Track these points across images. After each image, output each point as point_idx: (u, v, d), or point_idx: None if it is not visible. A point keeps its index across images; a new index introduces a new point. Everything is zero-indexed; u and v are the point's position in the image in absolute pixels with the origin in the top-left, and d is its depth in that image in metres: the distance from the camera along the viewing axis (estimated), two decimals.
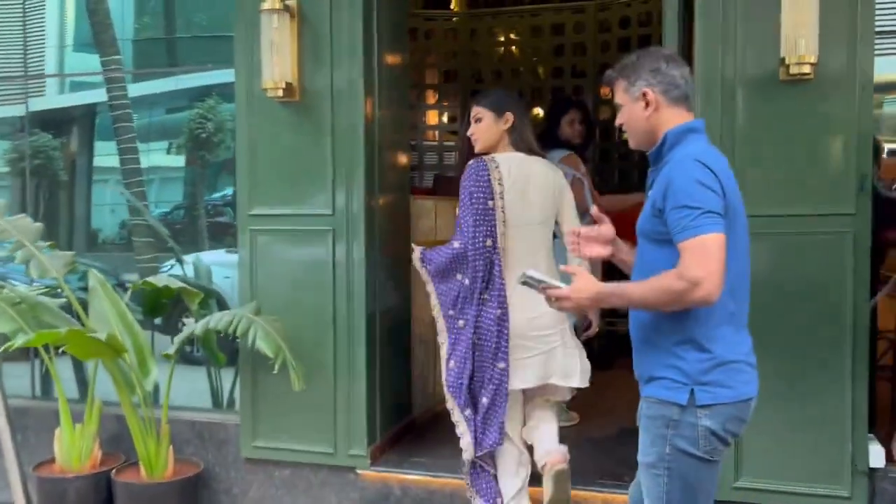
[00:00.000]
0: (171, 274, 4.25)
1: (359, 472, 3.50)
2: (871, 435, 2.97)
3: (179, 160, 5.42)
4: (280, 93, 3.42)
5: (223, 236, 5.20)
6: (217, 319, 3.38)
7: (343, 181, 3.46)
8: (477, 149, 3.12)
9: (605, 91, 5.92)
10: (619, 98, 2.08)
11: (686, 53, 3.10)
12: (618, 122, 2.11)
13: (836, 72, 2.85)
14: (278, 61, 3.41)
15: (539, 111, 6.16)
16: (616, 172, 6.16)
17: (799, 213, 2.91)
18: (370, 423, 3.50)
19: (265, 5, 3.37)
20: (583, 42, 6.21)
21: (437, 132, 6.76)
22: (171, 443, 3.57)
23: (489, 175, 2.97)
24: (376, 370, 3.54)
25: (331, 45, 3.45)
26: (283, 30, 3.41)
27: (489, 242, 2.98)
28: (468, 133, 3.15)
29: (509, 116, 3.06)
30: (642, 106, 2.03)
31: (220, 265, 4.68)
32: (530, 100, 6.36)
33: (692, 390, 1.92)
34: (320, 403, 3.50)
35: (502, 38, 6.68)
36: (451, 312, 3.06)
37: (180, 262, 4.41)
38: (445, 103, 6.72)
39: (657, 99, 2.01)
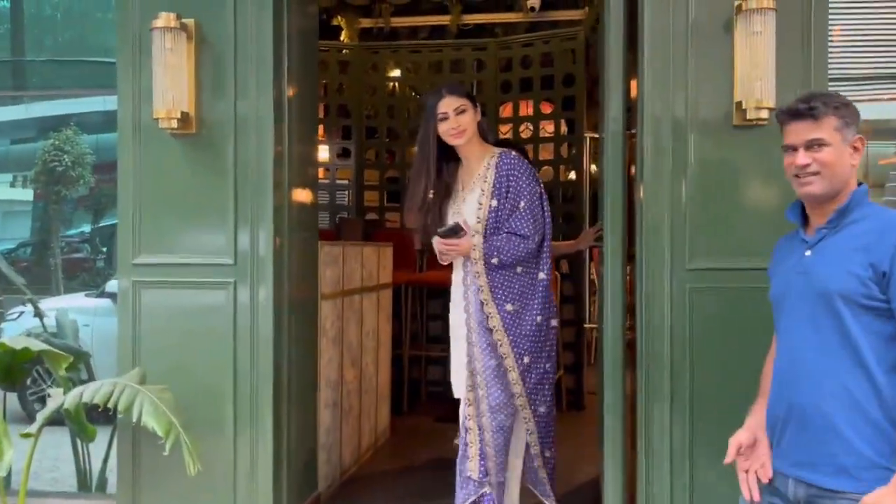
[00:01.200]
0: (29, 331, 3.64)
1: None
2: None
3: (27, 194, 4.91)
4: (174, 123, 2.96)
5: (80, 278, 4.70)
6: (93, 390, 2.82)
7: (247, 223, 3.03)
8: (461, 141, 2.96)
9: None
10: (827, 135, 1.80)
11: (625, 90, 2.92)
12: (806, 160, 1.81)
13: None
14: (172, 86, 2.96)
15: None
16: None
17: (755, 267, 2.73)
18: (276, 503, 3.04)
19: (157, 23, 2.92)
20: (481, 80, 6.01)
21: (328, 169, 6.37)
22: None
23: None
24: (283, 439, 3.09)
25: (234, 72, 3.04)
26: (179, 52, 2.96)
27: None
28: (451, 127, 2.93)
29: (478, 107, 3.01)
30: (850, 153, 1.82)
31: (77, 311, 4.14)
32: None
33: None
34: (217, 479, 3.02)
35: (396, 73, 6.40)
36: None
37: (37, 310, 3.80)
38: (337, 139, 6.35)
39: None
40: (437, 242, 2.95)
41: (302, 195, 3.31)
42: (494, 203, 2.93)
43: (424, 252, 5.55)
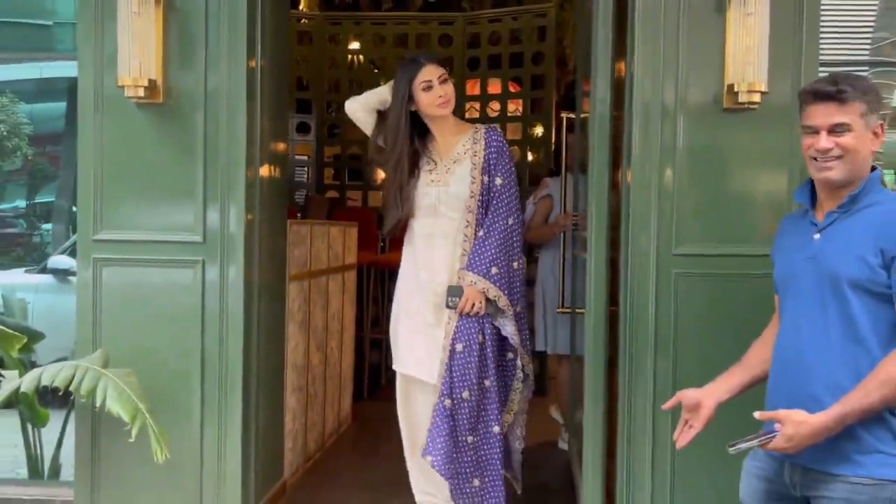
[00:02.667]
0: None
1: None
2: None
3: None
4: (140, 91, 2.78)
5: (13, 254, 4.52)
6: (53, 373, 2.65)
7: (217, 199, 2.88)
8: (447, 111, 2.90)
9: None
10: (851, 119, 1.75)
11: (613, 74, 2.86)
12: (829, 144, 1.76)
13: (781, 101, 2.68)
14: (139, 53, 2.78)
15: None
16: None
17: (741, 253, 2.71)
18: (245, 492, 2.92)
19: None
20: (451, 56, 5.87)
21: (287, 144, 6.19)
22: None
23: None
24: (252, 427, 2.97)
25: (206, 41, 2.87)
26: (147, 16, 2.78)
27: None
28: (438, 96, 2.84)
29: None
30: (871, 138, 1.77)
31: (17, 288, 3.95)
32: None
33: None
34: (182, 467, 2.86)
35: (356, 46, 6.23)
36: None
37: None
38: (294, 112, 6.15)
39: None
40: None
41: (273, 171, 3.17)
42: (486, 179, 2.86)
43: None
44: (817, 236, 1.81)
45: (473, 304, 2.80)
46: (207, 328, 2.89)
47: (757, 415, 1.75)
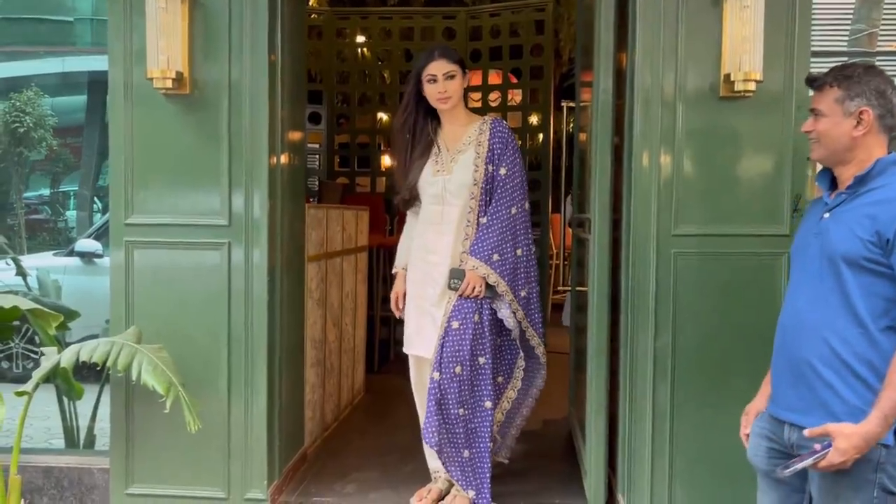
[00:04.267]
0: (8, 287, 3.62)
1: None
2: None
3: None
4: (169, 83, 2.95)
5: (39, 238, 4.70)
6: (91, 349, 2.84)
7: (241, 185, 3.05)
8: (446, 107, 3.03)
9: None
10: (825, 106, 1.93)
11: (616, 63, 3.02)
12: (808, 128, 1.98)
13: (774, 90, 2.85)
14: (166, 47, 2.95)
15: None
16: None
17: (735, 233, 2.89)
18: (270, 461, 3.11)
19: None
20: (454, 49, 6.02)
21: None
22: (20, 496, 2.98)
23: None
24: (276, 399, 3.15)
25: (229, 35, 3.03)
26: (174, 12, 2.95)
27: None
28: (438, 91, 3.00)
29: (466, 73, 3.10)
30: (853, 124, 1.91)
31: (46, 270, 4.11)
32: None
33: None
34: (210, 438, 3.05)
35: (360, 39, 6.39)
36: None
37: (19, 268, 3.76)
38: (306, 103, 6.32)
39: (872, 122, 1.90)
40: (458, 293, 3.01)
41: (292, 159, 3.34)
42: (491, 168, 3.01)
43: (395, 216, 5.62)
44: (826, 215, 1.96)
45: (474, 288, 2.97)
46: (233, 307, 3.07)
47: (807, 432, 1.85)
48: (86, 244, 4.44)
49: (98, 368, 2.87)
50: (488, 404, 3.01)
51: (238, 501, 3.08)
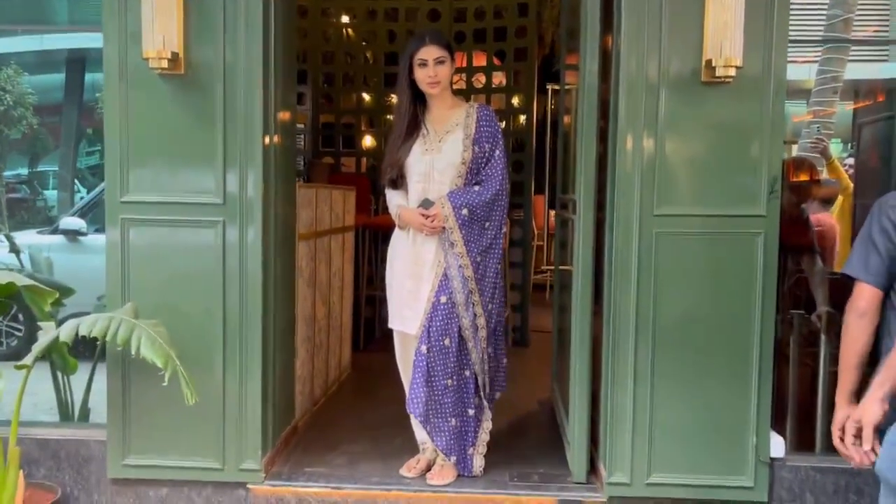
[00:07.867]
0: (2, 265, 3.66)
1: (250, 487, 3.18)
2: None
3: None
4: (164, 63, 2.99)
5: (19, 217, 4.71)
6: (90, 324, 2.89)
7: (236, 164, 3.11)
8: (435, 91, 3.13)
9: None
10: None
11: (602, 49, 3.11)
12: None
13: (753, 76, 2.95)
14: (161, 28, 3.00)
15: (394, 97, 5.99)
16: None
17: (714, 214, 3.00)
18: (264, 433, 3.20)
19: None
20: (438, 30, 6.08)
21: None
22: (19, 467, 3.05)
23: None
24: (270, 372, 3.24)
25: (224, 17, 3.08)
26: None
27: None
28: (428, 76, 3.09)
29: (454, 59, 3.19)
30: None
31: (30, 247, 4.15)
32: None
33: None
34: (206, 412, 3.13)
35: (345, 20, 6.41)
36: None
37: (13, 245, 3.78)
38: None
39: None
40: (417, 215, 3.12)
41: (285, 139, 3.40)
42: (477, 149, 3.12)
43: (379, 196, 5.69)
44: None
45: (433, 221, 3.09)
46: (228, 283, 3.13)
47: None
48: (70, 222, 4.44)
49: (99, 343, 2.92)
50: (467, 373, 3.17)
51: (233, 472, 3.17)
